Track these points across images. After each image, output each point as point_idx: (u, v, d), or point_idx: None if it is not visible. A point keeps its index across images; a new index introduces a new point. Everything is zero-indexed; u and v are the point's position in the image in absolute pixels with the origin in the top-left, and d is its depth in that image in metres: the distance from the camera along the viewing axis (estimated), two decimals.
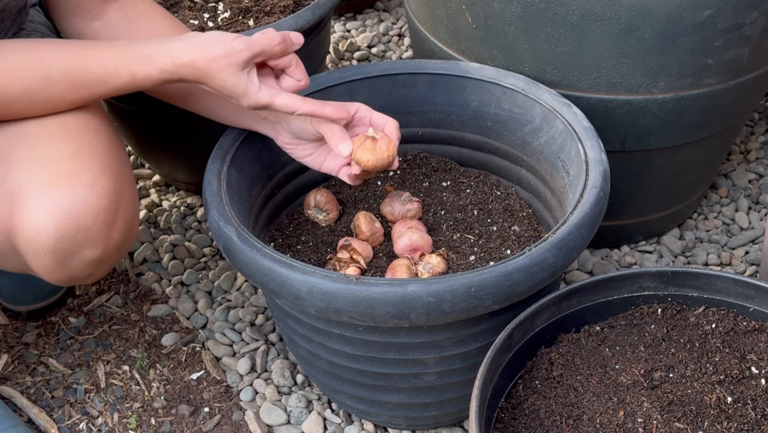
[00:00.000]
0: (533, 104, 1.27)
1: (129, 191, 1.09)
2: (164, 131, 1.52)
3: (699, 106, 1.31)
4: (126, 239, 1.09)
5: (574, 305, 1.08)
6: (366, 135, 1.13)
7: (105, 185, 1.04)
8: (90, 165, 1.04)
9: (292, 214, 1.31)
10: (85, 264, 1.06)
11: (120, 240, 1.08)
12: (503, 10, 1.26)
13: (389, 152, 1.12)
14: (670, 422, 0.95)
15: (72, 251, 1.03)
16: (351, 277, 1.01)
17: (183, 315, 1.48)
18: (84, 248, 1.04)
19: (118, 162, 1.09)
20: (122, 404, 1.35)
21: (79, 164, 1.04)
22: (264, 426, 1.30)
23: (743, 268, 1.51)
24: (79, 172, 1.03)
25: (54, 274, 1.06)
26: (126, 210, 1.07)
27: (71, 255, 1.04)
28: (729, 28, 1.22)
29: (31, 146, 1.05)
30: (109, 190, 1.04)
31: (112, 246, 1.07)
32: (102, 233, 1.04)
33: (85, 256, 1.05)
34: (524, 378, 1.03)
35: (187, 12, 1.57)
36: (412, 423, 1.26)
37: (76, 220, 1.02)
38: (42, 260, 1.04)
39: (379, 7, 2.24)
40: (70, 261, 1.05)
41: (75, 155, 1.04)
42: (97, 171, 1.04)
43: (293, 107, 1.10)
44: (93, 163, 1.05)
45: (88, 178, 1.03)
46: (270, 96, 1.09)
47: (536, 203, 1.30)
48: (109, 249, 1.06)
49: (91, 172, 1.03)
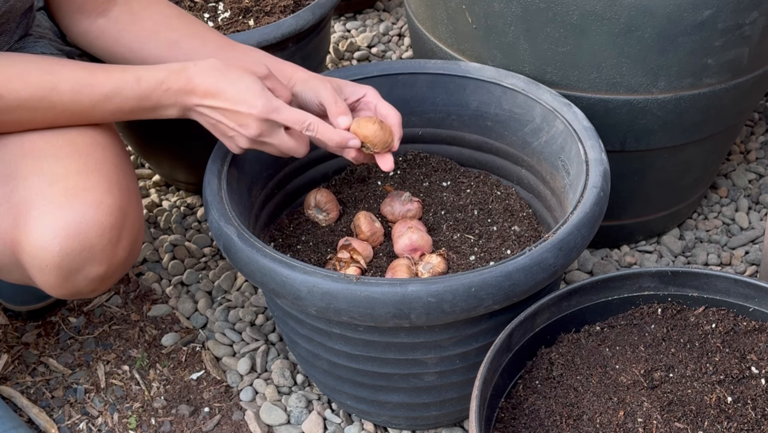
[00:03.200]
0: (533, 104, 1.27)
1: (135, 208, 1.09)
2: (164, 131, 1.52)
3: (699, 106, 1.31)
4: (131, 255, 1.09)
5: (574, 304, 1.08)
6: (368, 117, 1.15)
7: (111, 203, 1.03)
8: (97, 183, 1.04)
9: (292, 214, 1.31)
10: (90, 280, 1.06)
11: (125, 257, 1.08)
12: (503, 10, 1.26)
13: (389, 133, 1.14)
14: (670, 422, 0.95)
15: (77, 268, 1.03)
16: (351, 277, 1.01)
17: (183, 315, 1.48)
18: (89, 266, 1.04)
19: (126, 179, 1.09)
20: (122, 404, 1.35)
21: (87, 182, 1.03)
22: (264, 426, 1.30)
23: (743, 268, 1.51)
24: (86, 190, 1.03)
25: (58, 289, 1.06)
26: (131, 227, 1.07)
27: (75, 272, 1.04)
28: (729, 28, 1.22)
29: (39, 162, 1.04)
30: (116, 208, 1.04)
31: (117, 263, 1.07)
32: (107, 251, 1.04)
33: (90, 273, 1.05)
34: (524, 378, 1.03)
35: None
36: (412, 423, 1.26)
37: (81, 238, 1.01)
38: (46, 276, 1.04)
39: (379, 7, 2.24)
40: (75, 278, 1.04)
41: (82, 172, 1.04)
42: (104, 189, 1.04)
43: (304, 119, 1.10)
44: (100, 180, 1.04)
45: (94, 196, 1.03)
46: (280, 103, 1.09)
47: (536, 203, 1.30)
48: (113, 266, 1.07)
49: (98, 190, 1.03)
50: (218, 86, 1.07)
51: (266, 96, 1.07)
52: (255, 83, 1.07)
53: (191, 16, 1.23)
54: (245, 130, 1.08)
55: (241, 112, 1.07)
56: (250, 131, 1.08)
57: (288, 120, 1.08)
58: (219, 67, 1.08)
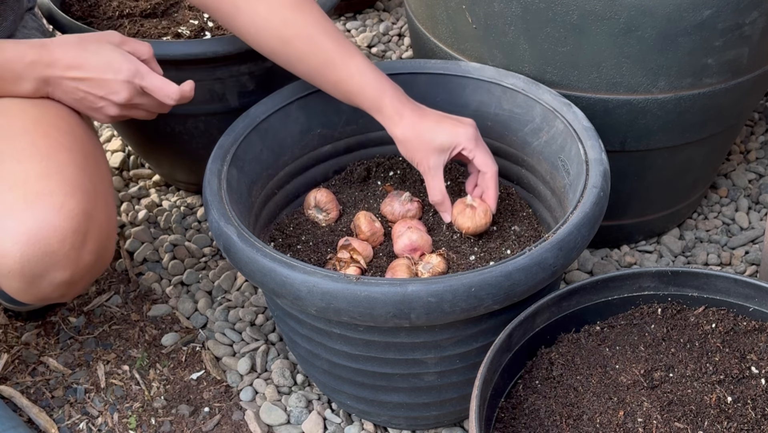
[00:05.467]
0: (533, 104, 1.27)
1: (102, 211, 1.06)
2: (164, 131, 1.52)
3: (699, 106, 1.31)
4: (99, 259, 1.07)
5: (574, 304, 1.08)
6: (465, 203, 1.20)
7: (73, 207, 1.01)
8: (58, 186, 1.01)
9: (292, 214, 1.31)
10: (55, 286, 1.03)
11: (91, 261, 1.05)
12: (503, 10, 1.26)
13: (486, 219, 1.19)
14: (670, 421, 0.95)
15: (40, 274, 1.01)
16: (351, 277, 1.01)
17: (183, 315, 1.48)
18: (52, 271, 1.01)
19: (91, 182, 1.06)
20: (122, 403, 1.35)
21: (47, 185, 1.01)
22: (264, 426, 1.30)
23: (743, 268, 1.51)
24: (47, 194, 1.00)
25: (24, 295, 1.04)
26: (98, 230, 1.05)
27: (39, 278, 1.01)
28: (729, 28, 1.22)
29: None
30: (78, 212, 1.01)
31: (83, 268, 1.04)
32: (71, 256, 1.02)
33: (54, 278, 1.02)
34: (524, 378, 1.03)
35: (187, 12, 1.57)
36: (412, 423, 1.26)
37: (42, 244, 0.99)
38: (10, 282, 1.02)
39: (379, 6, 2.24)
40: (39, 283, 1.02)
41: (43, 176, 1.02)
42: (66, 192, 1.01)
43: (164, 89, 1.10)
44: (62, 184, 1.02)
45: (55, 200, 1.00)
46: (147, 69, 1.09)
47: (536, 203, 1.30)
48: (79, 271, 1.04)
49: (58, 194, 1.01)
50: (80, 57, 1.07)
51: (129, 60, 1.08)
52: (114, 50, 1.08)
53: (313, 5, 1.18)
54: (115, 96, 1.08)
55: (107, 79, 1.07)
56: (119, 96, 1.08)
57: (152, 86, 1.09)
58: (75, 41, 1.09)
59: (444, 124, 1.16)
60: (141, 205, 1.69)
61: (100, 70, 1.07)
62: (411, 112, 1.16)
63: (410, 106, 1.17)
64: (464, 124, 1.17)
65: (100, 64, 1.07)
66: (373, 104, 1.16)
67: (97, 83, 1.08)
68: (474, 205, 1.19)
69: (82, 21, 1.50)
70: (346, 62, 1.15)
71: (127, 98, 1.09)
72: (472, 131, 1.16)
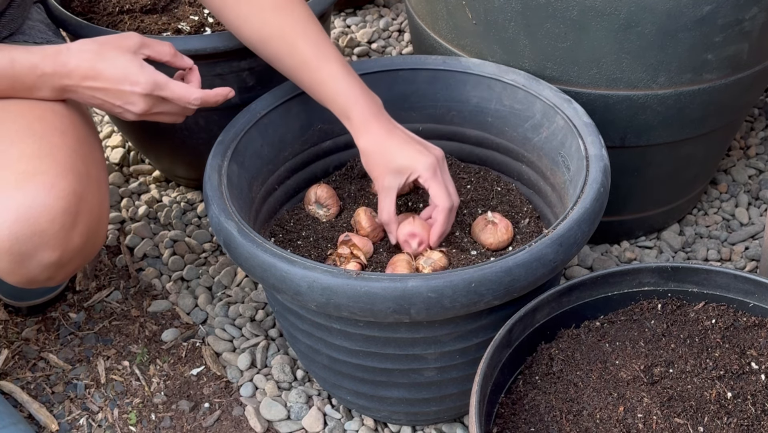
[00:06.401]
0: (534, 100, 1.27)
1: (94, 194, 1.06)
2: (164, 127, 1.52)
3: (699, 101, 1.31)
4: (89, 243, 1.07)
5: (574, 300, 1.08)
6: (486, 219, 1.21)
7: (64, 188, 1.01)
8: (50, 167, 1.02)
9: (292, 210, 1.31)
10: (44, 267, 1.03)
11: (81, 243, 1.05)
12: (503, 6, 1.26)
13: (508, 234, 1.20)
14: (670, 417, 0.95)
15: (28, 254, 1.01)
16: (351, 272, 1.01)
17: (183, 311, 1.48)
18: (41, 251, 1.02)
19: (84, 165, 1.06)
20: (122, 399, 1.35)
21: (39, 166, 1.01)
22: (264, 421, 1.30)
23: (743, 263, 1.51)
24: (38, 174, 1.01)
25: (12, 276, 1.04)
26: (89, 213, 1.05)
27: (28, 258, 1.02)
28: (729, 24, 1.22)
29: None
30: (69, 192, 1.01)
31: (72, 249, 1.04)
32: (60, 236, 1.02)
33: (43, 259, 1.02)
34: (524, 374, 1.03)
35: (187, 8, 1.57)
36: (412, 419, 1.26)
37: (31, 223, 0.99)
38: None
39: (379, 2, 2.24)
40: (28, 263, 1.02)
41: (36, 156, 1.02)
42: (57, 173, 1.01)
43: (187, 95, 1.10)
44: (54, 165, 1.02)
45: (46, 180, 1.00)
46: (165, 78, 1.08)
47: (537, 199, 1.30)
48: (68, 253, 1.04)
49: (50, 174, 1.01)
50: (96, 67, 1.06)
51: (147, 72, 1.07)
52: (132, 60, 1.07)
53: (297, 6, 1.18)
54: (132, 107, 1.08)
55: (124, 90, 1.07)
56: (137, 107, 1.08)
57: (173, 95, 1.09)
58: (92, 48, 1.08)
59: (407, 148, 1.14)
60: (141, 200, 1.69)
61: (116, 81, 1.07)
62: (379, 127, 1.15)
63: (380, 121, 1.15)
64: (428, 152, 1.14)
65: (116, 75, 1.07)
66: (342, 112, 1.16)
67: (113, 94, 1.08)
68: (495, 221, 1.20)
69: (82, 17, 1.50)
70: (320, 67, 1.16)
71: (144, 109, 1.09)
72: (432, 161, 1.13)
